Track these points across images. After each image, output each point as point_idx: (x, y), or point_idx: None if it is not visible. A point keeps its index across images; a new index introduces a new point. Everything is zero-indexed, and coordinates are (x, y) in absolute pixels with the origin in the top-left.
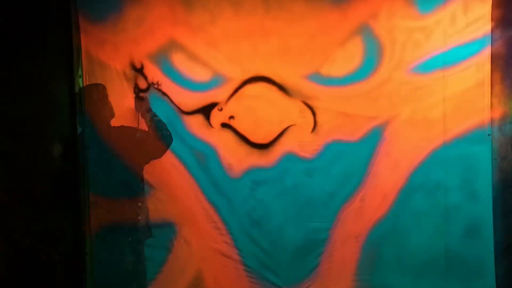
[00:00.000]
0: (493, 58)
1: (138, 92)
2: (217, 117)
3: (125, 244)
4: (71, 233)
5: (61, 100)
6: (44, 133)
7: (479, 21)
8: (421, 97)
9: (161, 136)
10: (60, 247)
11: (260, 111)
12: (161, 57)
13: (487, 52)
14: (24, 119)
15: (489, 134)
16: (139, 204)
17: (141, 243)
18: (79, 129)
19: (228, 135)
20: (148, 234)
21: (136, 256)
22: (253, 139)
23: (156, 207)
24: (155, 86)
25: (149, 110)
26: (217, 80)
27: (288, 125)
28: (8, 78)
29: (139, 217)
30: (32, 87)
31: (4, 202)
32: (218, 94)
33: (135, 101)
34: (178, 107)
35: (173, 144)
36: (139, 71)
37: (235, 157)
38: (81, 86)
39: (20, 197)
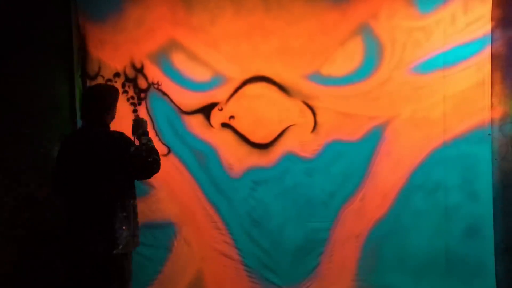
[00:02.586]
0: (493, 58)
1: (136, 115)
2: (217, 117)
3: None
4: None
5: (61, 100)
6: (44, 133)
7: (479, 21)
8: (421, 97)
9: (150, 162)
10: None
11: (260, 111)
12: (162, 57)
13: (487, 52)
14: (25, 119)
15: (489, 134)
16: None
17: None
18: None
19: (228, 135)
20: None
21: None
22: (253, 139)
23: (156, 207)
24: (155, 86)
25: (146, 133)
26: (217, 80)
27: (288, 125)
28: (9, 78)
29: None
30: (32, 87)
31: (4, 202)
32: (218, 94)
33: (132, 124)
34: (178, 107)
35: (173, 144)
36: (139, 71)
37: (235, 157)
38: (81, 86)
39: (20, 196)
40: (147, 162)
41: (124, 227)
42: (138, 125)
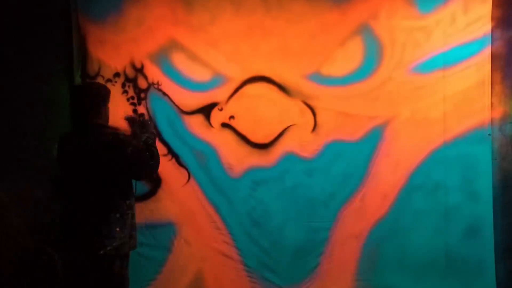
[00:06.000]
0: (493, 58)
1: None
2: (217, 117)
3: None
4: None
5: (61, 100)
6: (44, 133)
7: (479, 21)
8: (421, 97)
9: (149, 164)
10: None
11: (260, 111)
12: (162, 57)
13: (487, 52)
14: (24, 119)
15: (489, 134)
16: None
17: None
18: None
19: (228, 135)
20: None
21: None
22: (253, 139)
23: (156, 207)
24: (155, 86)
25: (153, 133)
26: (217, 80)
27: (288, 125)
28: (9, 78)
29: None
30: (32, 87)
31: (5, 202)
32: (218, 94)
33: (139, 124)
34: (178, 107)
35: (173, 144)
36: (139, 71)
37: (235, 157)
38: None
39: (20, 197)
40: (147, 164)
41: (117, 229)
42: (145, 126)
